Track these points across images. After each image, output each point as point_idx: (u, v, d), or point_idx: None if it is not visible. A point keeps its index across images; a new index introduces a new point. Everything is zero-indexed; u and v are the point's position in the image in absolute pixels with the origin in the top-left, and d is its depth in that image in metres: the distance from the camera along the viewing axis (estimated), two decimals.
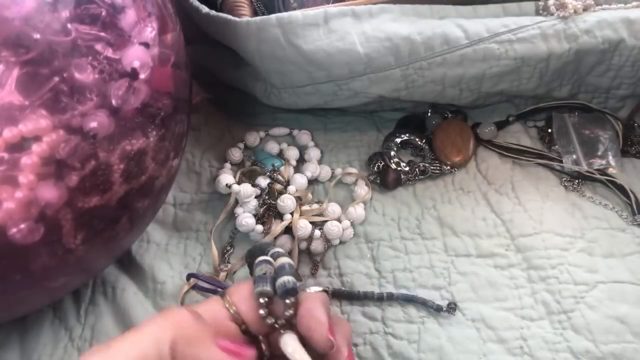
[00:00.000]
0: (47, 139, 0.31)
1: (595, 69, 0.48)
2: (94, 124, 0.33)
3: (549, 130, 0.53)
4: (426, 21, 0.46)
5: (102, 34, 0.33)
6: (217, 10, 0.49)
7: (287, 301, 0.33)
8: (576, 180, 0.50)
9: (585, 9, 0.46)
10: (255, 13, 0.53)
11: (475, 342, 0.42)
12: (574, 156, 0.50)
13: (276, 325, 0.33)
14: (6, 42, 0.30)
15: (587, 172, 0.49)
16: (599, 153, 0.50)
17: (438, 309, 0.43)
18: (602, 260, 0.45)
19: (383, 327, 0.43)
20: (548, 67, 0.47)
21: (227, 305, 0.34)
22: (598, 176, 0.49)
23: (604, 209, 0.48)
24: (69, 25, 0.31)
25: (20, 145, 0.31)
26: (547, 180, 0.50)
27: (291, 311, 0.33)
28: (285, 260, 0.35)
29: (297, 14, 0.45)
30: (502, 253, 0.46)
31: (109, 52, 0.33)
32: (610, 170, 0.50)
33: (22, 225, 0.32)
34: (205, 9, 0.49)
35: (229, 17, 0.47)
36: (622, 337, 0.41)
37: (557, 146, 0.52)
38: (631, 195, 0.48)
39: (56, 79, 0.31)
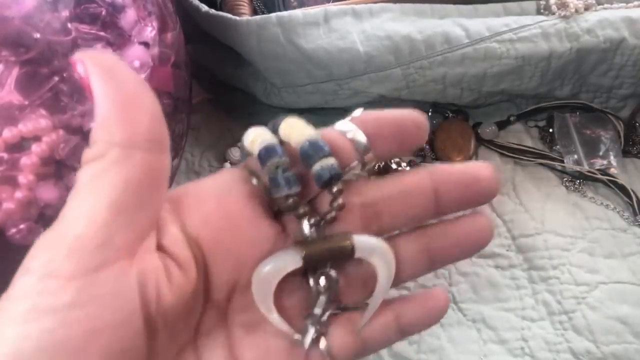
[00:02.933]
0: (46, 139, 0.31)
1: (597, 69, 0.48)
2: (93, 124, 0.33)
3: (550, 130, 0.52)
4: (427, 20, 0.46)
5: (102, 33, 0.33)
6: (217, 9, 0.49)
7: (335, 189, 0.24)
8: (577, 180, 0.50)
9: (587, 8, 0.46)
10: (255, 12, 0.53)
11: (475, 343, 0.42)
12: (575, 156, 0.50)
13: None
14: (6, 42, 0.30)
15: (589, 172, 0.49)
16: (601, 153, 0.50)
17: None
18: (603, 261, 0.45)
19: None
20: (549, 66, 0.47)
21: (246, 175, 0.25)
22: (599, 176, 0.49)
23: (605, 209, 0.48)
24: (69, 25, 0.31)
25: (19, 145, 0.30)
26: (549, 181, 0.50)
27: (340, 200, 0.24)
28: (307, 134, 0.24)
29: (298, 13, 0.45)
30: (503, 253, 0.46)
31: (109, 52, 0.33)
32: (612, 171, 0.49)
33: (22, 226, 0.32)
34: (205, 7, 0.49)
35: (229, 16, 0.47)
36: (623, 338, 0.41)
37: (558, 146, 0.51)
38: (632, 196, 0.48)
39: (56, 78, 0.31)
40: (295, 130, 0.24)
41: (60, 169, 0.32)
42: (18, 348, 0.18)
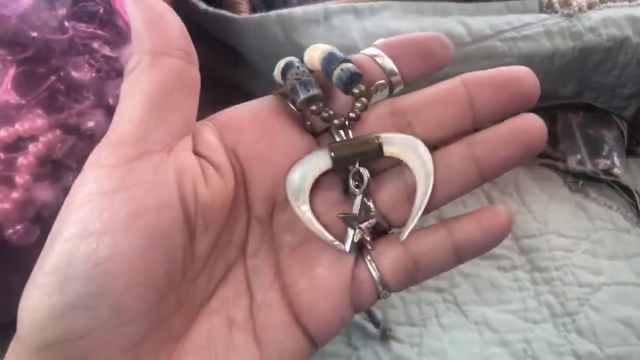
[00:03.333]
0: (43, 139, 0.31)
1: (600, 68, 0.48)
2: (91, 124, 0.32)
3: (554, 130, 0.52)
4: (428, 18, 0.45)
5: (100, 31, 0.32)
6: (216, 7, 0.48)
7: (355, 90, 0.24)
8: (580, 180, 0.49)
9: (590, 7, 0.46)
10: (254, 10, 0.52)
11: (478, 345, 0.41)
12: (579, 156, 0.50)
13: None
14: (3, 40, 0.29)
15: (592, 172, 0.49)
16: (604, 153, 0.50)
17: (377, 325, 0.42)
18: (607, 262, 0.44)
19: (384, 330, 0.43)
20: (552, 65, 0.47)
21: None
22: (603, 177, 0.49)
23: (609, 210, 0.48)
24: (66, 23, 0.31)
25: (16, 145, 0.30)
26: (551, 181, 0.50)
27: (363, 100, 0.24)
28: (325, 47, 0.25)
29: (297, 11, 0.45)
30: (505, 255, 0.45)
31: (107, 50, 0.33)
32: (615, 171, 0.49)
33: (19, 227, 0.32)
34: (203, 5, 0.48)
35: (228, 13, 0.46)
36: (627, 340, 0.41)
37: (561, 146, 0.51)
38: (636, 196, 0.47)
39: (53, 77, 0.31)
40: (317, 51, 0.25)
41: (57, 169, 0.32)
42: (78, 227, 0.20)
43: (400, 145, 0.24)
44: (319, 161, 0.24)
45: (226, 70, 0.54)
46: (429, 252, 0.24)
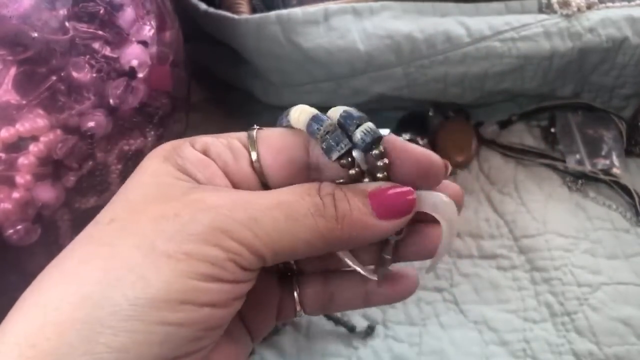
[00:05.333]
0: (44, 139, 0.31)
1: (599, 68, 0.48)
2: (91, 124, 0.32)
3: (552, 130, 0.52)
4: (428, 19, 0.45)
5: (100, 32, 0.32)
6: (215, 8, 0.48)
7: (375, 152, 0.24)
8: (580, 180, 0.49)
9: (589, 7, 0.46)
10: (254, 10, 0.52)
11: (477, 345, 0.41)
12: (578, 156, 0.50)
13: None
14: (3, 41, 0.29)
15: (591, 172, 0.49)
16: (603, 153, 0.50)
17: (351, 330, 0.42)
18: (606, 262, 0.44)
19: (384, 330, 0.43)
20: (551, 65, 0.47)
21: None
22: (602, 176, 0.49)
23: (608, 209, 0.48)
24: (66, 24, 0.31)
25: (17, 145, 0.30)
26: (551, 181, 0.50)
27: (385, 160, 0.24)
28: (344, 108, 0.27)
29: (297, 11, 0.45)
30: (505, 254, 0.45)
31: (107, 51, 0.33)
32: (614, 171, 0.49)
33: (19, 227, 0.32)
34: (203, 6, 0.48)
35: (228, 14, 0.46)
36: (626, 339, 0.41)
37: (560, 146, 0.51)
38: (635, 196, 0.47)
39: (53, 77, 0.31)
40: (305, 112, 0.26)
41: (58, 168, 0.32)
42: None
43: (434, 206, 0.25)
44: None
45: (226, 70, 0.54)
46: (343, 293, 0.27)
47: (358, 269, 0.26)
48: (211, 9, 0.48)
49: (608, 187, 0.49)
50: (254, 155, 0.25)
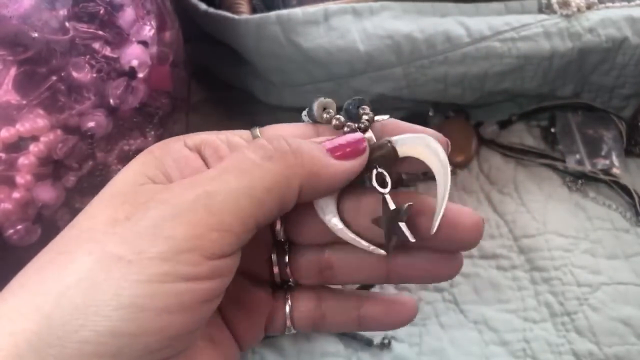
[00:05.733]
0: (44, 139, 0.31)
1: (599, 68, 0.48)
2: (91, 124, 0.32)
3: (552, 130, 0.52)
4: (428, 19, 0.45)
5: (101, 32, 0.32)
6: (215, 8, 0.48)
7: (360, 112, 0.26)
8: (579, 180, 0.49)
9: (589, 7, 0.46)
10: (254, 10, 0.52)
11: (477, 345, 0.41)
12: (578, 156, 0.50)
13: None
14: (3, 41, 0.29)
15: (591, 172, 0.49)
16: (603, 153, 0.50)
17: (368, 343, 0.42)
18: (606, 262, 0.44)
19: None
20: (551, 65, 0.47)
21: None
22: (602, 176, 0.49)
23: (608, 209, 0.48)
24: (67, 24, 0.31)
25: (17, 145, 0.30)
26: (551, 181, 0.50)
27: (367, 116, 0.25)
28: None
29: (297, 12, 0.45)
30: (504, 254, 0.45)
31: (107, 51, 0.33)
32: (614, 171, 0.49)
33: (20, 227, 0.32)
34: (203, 6, 0.48)
35: (228, 14, 0.46)
36: (626, 339, 0.41)
37: (560, 146, 0.51)
38: (635, 196, 0.47)
39: (54, 78, 0.31)
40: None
41: (58, 169, 0.32)
42: None
43: (412, 144, 0.24)
44: None
45: (226, 70, 0.54)
46: (335, 314, 0.27)
47: (362, 242, 0.24)
48: (211, 9, 0.48)
49: (608, 187, 0.49)
50: None
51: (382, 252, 0.24)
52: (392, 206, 0.24)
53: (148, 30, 0.35)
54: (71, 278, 0.19)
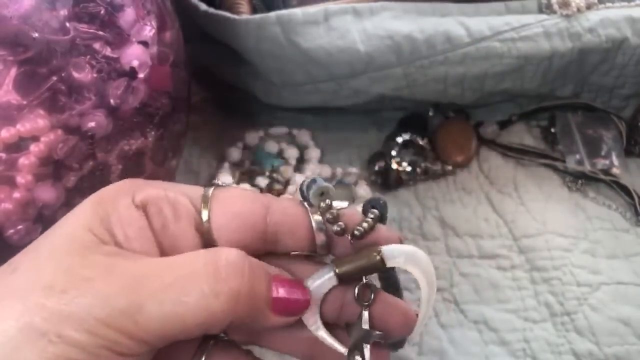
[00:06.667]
0: (45, 139, 0.31)
1: (599, 68, 0.48)
2: (92, 124, 0.32)
3: (552, 130, 0.52)
4: (428, 19, 0.45)
5: (101, 32, 0.32)
6: (216, 8, 0.48)
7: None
8: (579, 180, 0.49)
9: (589, 7, 0.46)
10: (254, 10, 0.52)
11: (477, 345, 0.41)
12: (578, 156, 0.50)
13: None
14: (4, 41, 0.29)
15: (591, 172, 0.49)
16: (603, 153, 0.50)
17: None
18: (606, 262, 0.44)
19: None
20: (551, 65, 0.47)
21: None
22: (601, 176, 0.49)
23: (608, 209, 0.48)
24: (67, 24, 0.31)
25: (18, 146, 0.30)
26: (550, 181, 0.50)
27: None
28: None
29: (297, 12, 0.45)
30: (504, 254, 0.45)
31: (108, 51, 0.33)
32: (614, 171, 0.49)
33: (20, 227, 0.32)
34: (203, 6, 0.48)
35: (228, 14, 0.46)
36: (626, 339, 0.41)
37: (560, 146, 0.51)
38: (635, 196, 0.47)
39: (54, 78, 0.31)
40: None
41: (59, 169, 0.32)
42: None
43: (402, 258, 0.25)
44: (324, 280, 0.25)
45: (226, 70, 0.54)
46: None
47: (339, 348, 0.25)
48: (211, 10, 0.48)
49: (608, 187, 0.49)
50: (204, 215, 0.24)
51: (343, 349, 0.25)
52: (365, 326, 0.25)
53: (148, 31, 0.35)
54: None
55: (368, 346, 0.24)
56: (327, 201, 0.25)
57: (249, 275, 0.22)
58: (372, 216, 0.25)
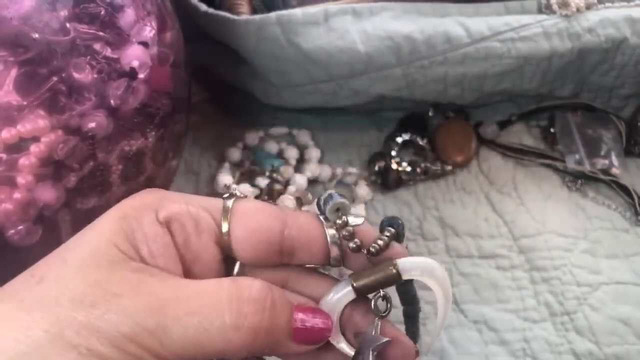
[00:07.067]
0: (45, 140, 0.31)
1: (598, 68, 0.48)
2: (92, 124, 0.32)
3: (552, 130, 0.52)
4: (427, 19, 0.45)
5: (101, 33, 0.32)
6: (215, 8, 0.48)
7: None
8: (579, 180, 0.49)
9: (588, 8, 0.46)
10: (254, 11, 0.52)
11: (477, 344, 0.41)
12: (577, 156, 0.50)
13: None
14: (4, 42, 0.29)
15: (590, 172, 0.49)
16: (602, 153, 0.50)
17: None
18: (605, 261, 0.44)
19: None
20: (550, 66, 0.47)
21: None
22: (601, 176, 0.49)
23: (607, 209, 0.48)
24: (67, 25, 0.31)
25: (18, 146, 0.30)
26: (550, 181, 0.50)
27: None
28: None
29: (297, 12, 0.45)
30: (504, 254, 0.45)
31: (108, 52, 0.33)
32: (614, 171, 0.49)
33: (21, 227, 0.32)
34: (203, 7, 0.48)
35: (228, 15, 0.46)
36: (626, 339, 0.41)
37: (560, 146, 0.51)
38: (634, 196, 0.47)
39: (55, 78, 0.31)
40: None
41: (59, 169, 0.32)
42: None
43: (419, 271, 0.26)
44: (343, 294, 0.26)
45: (226, 71, 0.54)
46: None
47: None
48: (211, 10, 0.48)
49: (607, 187, 0.49)
50: (224, 227, 0.25)
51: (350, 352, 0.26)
52: (374, 333, 0.26)
53: (148, 31, 0.35)
54: (23, 347, 0.20)
55: (376, 352, 0.25)
56: (344, 218, 0.25)
57: (271, 310, 0.23)
58: (388, 234, 0.26)
